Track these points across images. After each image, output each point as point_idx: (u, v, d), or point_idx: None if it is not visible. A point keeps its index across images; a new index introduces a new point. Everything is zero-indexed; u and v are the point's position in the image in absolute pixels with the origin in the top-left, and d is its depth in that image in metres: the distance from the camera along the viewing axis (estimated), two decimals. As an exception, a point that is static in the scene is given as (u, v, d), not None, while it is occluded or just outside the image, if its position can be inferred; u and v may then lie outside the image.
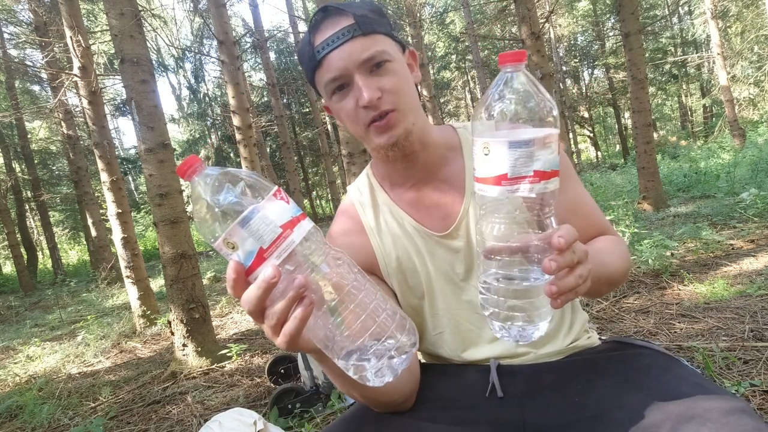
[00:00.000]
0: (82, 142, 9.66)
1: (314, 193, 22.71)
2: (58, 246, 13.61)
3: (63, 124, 8.54)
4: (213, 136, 18.61)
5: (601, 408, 0.69)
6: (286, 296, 0.49)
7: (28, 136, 11.95)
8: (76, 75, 4.47)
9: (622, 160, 15.57)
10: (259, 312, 0.50)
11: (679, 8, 18.48)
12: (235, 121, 5.59)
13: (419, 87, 0.85)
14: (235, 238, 0.48)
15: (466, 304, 0.84)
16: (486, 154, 0.53)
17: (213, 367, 2.99)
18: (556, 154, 0.54)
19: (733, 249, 3.34)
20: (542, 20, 5.98)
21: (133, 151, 21.94)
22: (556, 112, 0.54)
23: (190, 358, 3.01)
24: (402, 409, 0.77)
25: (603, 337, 0.93)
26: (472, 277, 0.83)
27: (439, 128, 0.88)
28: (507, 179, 0.52)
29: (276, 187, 0.51)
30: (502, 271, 0.58)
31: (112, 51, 5.91)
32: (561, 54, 18.61)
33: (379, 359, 0.53)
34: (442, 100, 20.87)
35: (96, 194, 8.90)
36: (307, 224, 0.51)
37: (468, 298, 0.84)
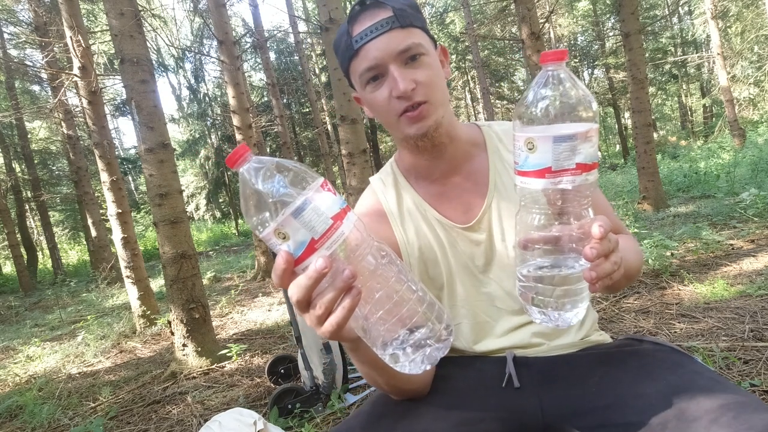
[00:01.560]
0: (82, 142, 9.66)
1: (314, 193, 22.66)
2: (58, 246, 13.60)
3: (63, 124, 8.53)
4: (213, 136, 18.60)
5: (618, 397, 0.70)
6: (334, 286, 0.50)
7: (28, 136, 11.94)
8: (76, 75, 4.47)
9: (622, 160, 15.57)
10: (306, 301, 0.51)
11: (679, 8, 18.47)
12: (235, 121, 5.59)
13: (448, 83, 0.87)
14: (287, 228, 0.48)
15: (485, 296, 0.86)
16: (530, 149, 0.56)
17: (213, 367, 2.99)
18: (596, 148, 0.56)
19: (733, 249, 3.34)
20: (542, 20, 5.98)
21: (133, 151, 21.93)
22: (596, 107, 0.57)
23: (190, 358, 3.01)
24: (420, 396, 0.78)
25: (614, 336, 0.94)
26: (491, 270, 0.85)
27: (465, 125, 0.91)
28: (551, 172, 0.55)
29: (323, 179, 0.52)
30: (540, 260, 0.60)
31: (112, 51, 5.91)
32: (561, 54, 18.56)
33: (417, 348, 0.54)
34: (442, 100, 20.82)
35: (96, 194, 8.88)
36: (353, 216, 0.52)
37: (486, 290, 0.86)
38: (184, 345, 3.02)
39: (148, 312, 4.40)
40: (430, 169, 0.88)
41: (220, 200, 19.56)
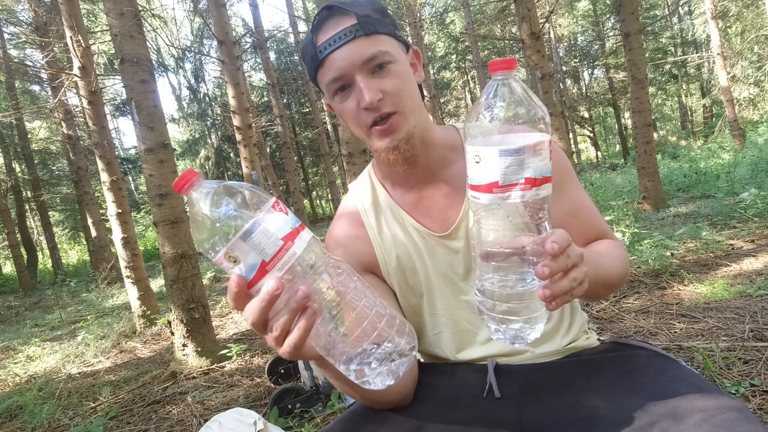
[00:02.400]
0: (82, 142, 9.66)
1: (314, 193, 22.72)
2: (58, 246, 13.62)
3: (63, 124, 8.54)
4: (213, 136, 18.63)
5: (597, 409, 0.69)
6: (289, 307, 0.49)
7: (28, 136, 11.95)
8: (76, 75, 4.47)
9: (622, 160, 15.58)
10: (262, 324, 0.50)
11: (679, 8, 18.48)
12: (235, 121, 5.59)
13: (421, 87, 0.85)
14: (237, 252, 0.48)
15: (465, 304, 0.84)
16: (477, 162, 0.54)
17: (213, 367, 2.99)
18: (548, 161, 0.54)
19: (733, 249, 3.34)
20: (542, 20, 5.98)
21: (133, 151, 21.95)
22: (547, 119, 0.54)
23: (190, 358, 3.01)
24: (401, 406, 0.77)
25: (601, 338, 0.93)
26: (471, 278, 0.84)
27: (442, 128, 0.89)
28: (498, 187, 0.52)
29: (274, 199, 0.51)
30: (497, 275, 0.58)
31: (112, 51, 5.91)
32: (561, 54, 18.60)
33: (380, 363, 0.53)
34: (442, 100, 20.87)
35: (96, 194, 8.89)
36: (306, 235, 0.52)
37: (467, 298, 0.84)
38: (184, 345, 3.02)
39: (148, 312, 4.41)
40: (406, 178, 0.86)
41: (220, 200, 19.56)
